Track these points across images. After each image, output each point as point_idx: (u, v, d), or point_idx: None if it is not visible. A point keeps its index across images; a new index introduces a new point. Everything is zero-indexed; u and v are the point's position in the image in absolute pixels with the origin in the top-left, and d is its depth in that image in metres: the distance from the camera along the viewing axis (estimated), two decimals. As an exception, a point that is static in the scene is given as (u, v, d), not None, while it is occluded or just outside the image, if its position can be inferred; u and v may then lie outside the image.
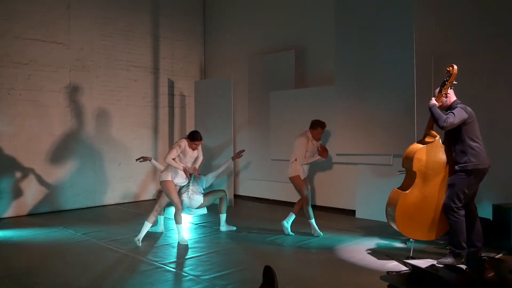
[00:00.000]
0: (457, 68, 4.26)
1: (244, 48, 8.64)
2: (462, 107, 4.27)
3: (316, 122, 5.61)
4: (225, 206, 5.97)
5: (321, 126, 5.60)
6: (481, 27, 5.60)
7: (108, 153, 8.03)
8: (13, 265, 4.51)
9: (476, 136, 4.26)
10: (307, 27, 7.62)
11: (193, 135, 5.40)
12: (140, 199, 8.50)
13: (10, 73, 6.90)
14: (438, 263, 4.23)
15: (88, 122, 7.80)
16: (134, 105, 8.45)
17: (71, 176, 7.55)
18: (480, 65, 5.58)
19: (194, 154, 5.51)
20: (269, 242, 5.37)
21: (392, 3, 6.04)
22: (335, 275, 4.15)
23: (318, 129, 5.57)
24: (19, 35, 6.98)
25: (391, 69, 6.05)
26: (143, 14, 8.59)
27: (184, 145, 5.38)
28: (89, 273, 4.24)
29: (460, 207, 4.26)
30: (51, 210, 7.30)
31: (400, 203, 4.46)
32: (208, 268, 4.34)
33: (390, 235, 5.43)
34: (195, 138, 5.37)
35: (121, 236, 5.62)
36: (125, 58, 8.29)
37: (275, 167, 7.83)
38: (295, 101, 7.41)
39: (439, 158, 4.45)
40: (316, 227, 5.61)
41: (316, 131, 5.58)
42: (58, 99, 7.42)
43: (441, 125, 4.18)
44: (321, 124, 5.61)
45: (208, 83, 8.91)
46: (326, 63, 7.23)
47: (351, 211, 6.89)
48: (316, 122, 5.62)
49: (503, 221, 4.79)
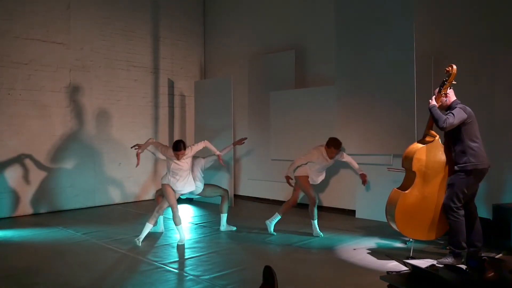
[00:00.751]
0: (456, 68, 4.26)
1: (244, 48, 8.64)
2: (461, 107, 4.27)
3: (330, 141, 5.48)
4: (226, 206, 5.97)
5: (334, 145, 5.46)
6: (481, 27, 5.59)
7: (108, 153, 8.03)
8: (13, 265, 4.51)
9: (475, 136, 4.26)
10: (307, 27, 7.62)
11: (175, 145, 5.23)
12: (140, 199, 8.50)
13: (10, 73, 6.90)
14: (438, 263, 4.24)
15: (88, 122, 7.80)
16: (134, 105, 8.45)
17: (71, 176, 7.55)
18: (480, 65, 5.58)
19: (183, 166, 5.33)
20: (269, 242, 5.37)
21: (392, 3, 6.03)
22: (335, 275, 4.15)
23: (331, 148, 5.46)
24: (19, 35, 6.99)
25: (391, 69, 6.05)
26: (143, 14, 8.59)
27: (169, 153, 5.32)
28: (89, 273, 4.24)
29: (459, 207, 4.26)
30: (51, 210, 7.30)
31: (400, 203, 4.46)
32: (208, 268, 4.34)
33: (390, 235, 5.43)
34: (178, 148, 5.20)
35: (121, 236, 5.62)
36: (125, 58, 8.29)
37: (275, 167, 7.83)
38: (295, 101, 7.41)
39: (438, 158, 4.45)
40: (318, 228, 5.61)
41: (329, 150, 5.47)
42: (58, 99, 7.42)
43: (441, 126, 4.19)
44: (335, 144, 5.46)
45: (208, 83, 8.91)
46: (326, 63, 7.23)
47: (351, 211, 6.89)
48: (330, 140, 5.49)
49: (503, 221, 4.79)
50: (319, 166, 5.55)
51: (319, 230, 5.60)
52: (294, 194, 5.71)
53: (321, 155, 5.51)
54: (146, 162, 8.59)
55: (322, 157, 5.51)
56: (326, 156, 5.51)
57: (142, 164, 8.37)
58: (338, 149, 5.50)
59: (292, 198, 5.71)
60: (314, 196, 5.55)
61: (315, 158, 5.53)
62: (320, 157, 5.51)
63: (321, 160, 5.52)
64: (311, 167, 5.57)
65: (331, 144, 5.48)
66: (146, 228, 5.31)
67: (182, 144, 5.25)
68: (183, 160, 5.32)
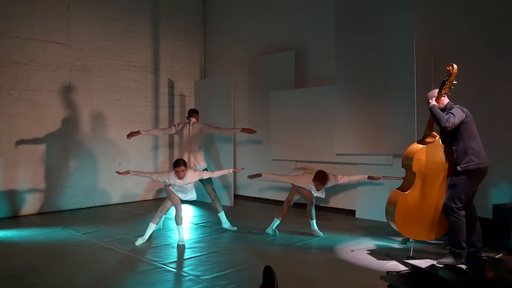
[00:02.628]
0: (457, 67, 4.25)
1: (244, 48, 8.64)
2: (458, 107, 4.28)
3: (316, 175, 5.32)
4: (219, 205, 6.00)
5: (320, 181, 5.29)
6: (481, 27, 5.59)
7: (108, 153, 8.03)
8: (13, 265, 4.51)
9: (474, 134, 4.27)
10: (307, 27, 7.62)
11: (175, 162, 5.20)
12: (140, 199, 8.50)
13: (10, 73, 6.90)
14: (438, 263, 4.23)
15: (88, 122, 7.80)
16: (134, 105, 8.45)
17: (71, 176, 7.55)
18: (480, 65, 5.57)
19: (187, 187, 5.31)
20: (269, 242, 5.37)
21: (392, 3, 6.04)
22: (335, 275, 4.15)
23: (317, 183, 5.32)
24: (19, 35, 6.98)
25: (391, 69, 6.05)
26: (143, 14, 8.59)
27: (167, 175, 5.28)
28: (89, 273, 4.24)
29: (460, 207, 4.26)
30: (51, 210, 7.30)
31: (400, 204, 4.46)
32: (208, 268, 4.34)
33: (390, 235, 5.43)
34: (177, 164, 5.15)
35: (121, 236, 5.62)
36: (125, 58, 8.29)
37: (275, 167, 7.83)
38: (295, 101, 7.41)
39: (438, 158, 4.44)
40: (317, 228, 5.61)
41: (315, 183, 5.33)
42: (58, 99, 7.42)
43: (443, 125, 4.17)
44: (320, 179, 5.29)
45: (208, 83, 8.91)
46: (326, 63, 7.23)
47: (351, 211, 6.89)
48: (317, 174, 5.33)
49: (503, 221, 4.79)
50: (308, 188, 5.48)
51: (319, 229, 5.60)
52: (288, 197, 5.70)
53: (310, 183, 5.39)
54: (146, 161, 8.60)
55: (311, 185, 5.39)
56: (313, 187, 5.40)
57: (142, 164, 8.45)
58: (323, 185, 5.33)
59: (286, 202, 5.69)
60: (311, 196, 5.54)
61: (303, 183, 5.44)
62: (309, 185, 5.40)
63: (309, 187, 5.42)
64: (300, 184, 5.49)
65: (317, 178, 5.30)
66: (149, 228, 5.31)
67: (182, 161, 5.20)
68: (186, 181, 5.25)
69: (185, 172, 5.19)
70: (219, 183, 8.09)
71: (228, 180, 7.97)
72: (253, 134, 6.47)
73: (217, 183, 8.10)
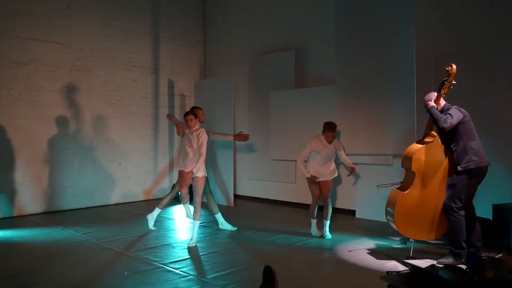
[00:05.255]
0: (456, 67, 4.26)
1: (244, 48, 8.64)
2: (456, 107, 4.30)
3: (324, 125, 5.48)
4: (215, 207, 6.00)
5: (329, 129, 5.43)
6: (481, 27, 5.59)
7: (108, 153, 8.03)
8: (13, 265, 4.52)
9: (474, 134, 4.29)
10: (307, 27, 7.62)
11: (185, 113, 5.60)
12: (140, 199, 8.49)
13: (10, 73, 6.89)
14: (438, 263, 4.24)
15: (88, 122, 7.80)
16: (134, 105, 8.44)
17: (71, 176, 7.55)
18: (480, 65, 5.57)
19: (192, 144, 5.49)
20: (269, 242, 5.37)
21: (392, 3, 6.04)
22: (335, 275, 4.16)
23: (326, 132, 5.44)
24: (19, 35, 6.98)
25: (391, 69, 6.05)
26: (143, 14, 8.59)
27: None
28: (89, 273, 4.24)
29: (460, 207, 4.26)
30: (51, 210, 7.30)
31: (400, 204, 4.46)
32: (208, 268, 4.34)
33: (390, 235, 5.43)
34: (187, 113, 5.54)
35: (121, 236, 5.62)
36: (125, 58, 8.29)
37: (275, 167, 7.84)
38: (295, 101, 7.41)
39: (438, 158, 4.44)
40: (315, 227, 5.61)
41: (325, 134, 5.45)
42: (58, 99, 7.42)
43: (442, 126, 4.19)
44: (328, 127, 5.44)
45: (208, 83, 8.90)
46: (326, 63, 7.23)
47: (351, 211, 6.89)
48: (324, 125, 5.48)
49: (503, 221, 4.79)
50: (320, 156, 5.51)
51: (318, 229, 5.60)
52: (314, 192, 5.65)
53: (321, 142, 5.49)
54: (146, 161, 8.60)
55: (322, 144, 5.48)
56: (325, 142, 5.48)
57: (142, 164, 8.45)
58: (333, 131, 5.45)
59: (313, 196, 5.64)
60: (316, 196, 5.54)
61: (315, 146, 5.50)
62: (320, 144, 5.48)
63: (321, 147, 5.49)
64: (314, 159, 5.55)
65: (325, 128, 5.45)
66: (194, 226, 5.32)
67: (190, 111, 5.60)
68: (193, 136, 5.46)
69: (194, 122, 5.48)
70: (219, 183, 8.10)
71: (228, 180, 7.97)
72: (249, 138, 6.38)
73: (217, 183, 8.11)
